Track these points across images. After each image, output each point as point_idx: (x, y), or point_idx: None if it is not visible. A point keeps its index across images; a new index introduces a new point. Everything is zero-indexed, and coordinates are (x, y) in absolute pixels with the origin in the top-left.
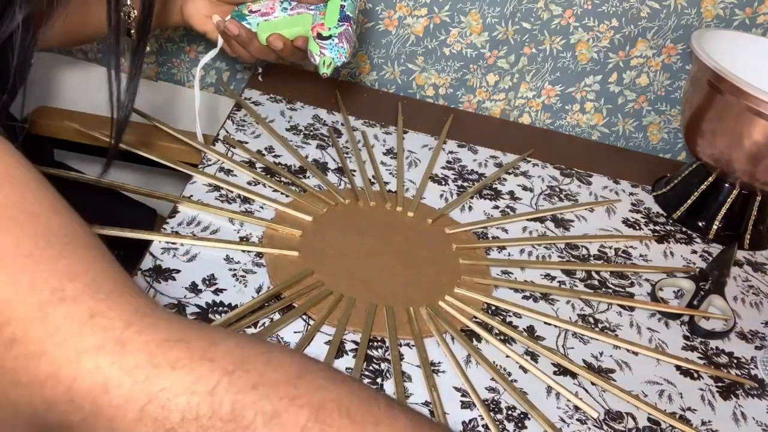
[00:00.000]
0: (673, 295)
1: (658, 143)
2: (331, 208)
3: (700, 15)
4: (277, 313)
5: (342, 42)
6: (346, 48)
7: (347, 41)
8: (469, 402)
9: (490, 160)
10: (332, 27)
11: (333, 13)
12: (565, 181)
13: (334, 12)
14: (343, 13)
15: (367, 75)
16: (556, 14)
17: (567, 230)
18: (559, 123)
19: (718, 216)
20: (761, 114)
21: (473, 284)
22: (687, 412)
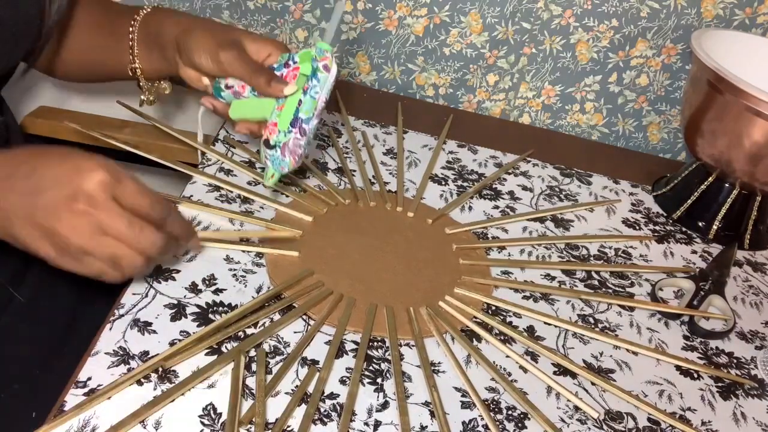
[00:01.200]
0: (673, 295)
1: (658, 143)
2: (331, 209)
3: (700, 15)
4: (278, 313)
5: (284, 155)
6: (288, 161)
7: (291, 153)
8: (469, 402)
9: (490, 160)
10: (282, 131)
11: (288, 112)
12: (565, 181)
13: (289, 111)
14: (296, 113)
15: (367, 75)
16: (556, 14)
17: (567, 230)
18: (559, 123)
19: (718, 216)
20: (761, 114)
21: (473, 284)
22: (687, 412)
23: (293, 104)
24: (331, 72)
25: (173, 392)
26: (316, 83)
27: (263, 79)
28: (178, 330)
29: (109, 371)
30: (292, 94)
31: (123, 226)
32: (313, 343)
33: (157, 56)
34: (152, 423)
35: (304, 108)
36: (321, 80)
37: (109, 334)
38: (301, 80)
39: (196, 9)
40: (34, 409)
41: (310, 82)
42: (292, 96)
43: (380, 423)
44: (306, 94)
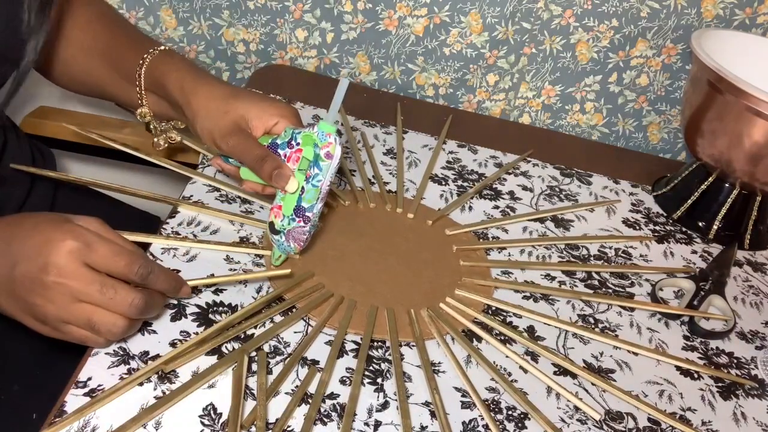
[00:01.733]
0: (673, 295)
1: (658, 143)
2: (331, 210)
3: (700, 15)
4: (279, 315)
5: (289, 241)
6: (293, 246)
7: (294, 240)
8: (469, 402)
9: (490, 160)
10: (286, 216)
11: (291, 199)
12: (565, 181)
13: (293, 198)
14: (299, 202)
15: (367, 75)
16: (556, 14)
17: (567, 230)
18: (559, 123)
19: (718, 216)
20: (761, 114)
21: (474, 286)
22: (687, 412)
23: (296, 193)
24: (334, 157)
25: (174, 396)
26: (318, 171)
27: (266, 170)
28: (179, 330)
29: (109, 371)
30: (293, 192)
31: (95, 291)
32: (314, 344)
33: (167, 107)
34: (152, 423)
35: (307, 197)
36: (323, 169)
37: None
38: (304, 163)
39: (196, 9)
40: (34, 409)
41: (312, 170)
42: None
43: (380, 423)
44: (308, 182)
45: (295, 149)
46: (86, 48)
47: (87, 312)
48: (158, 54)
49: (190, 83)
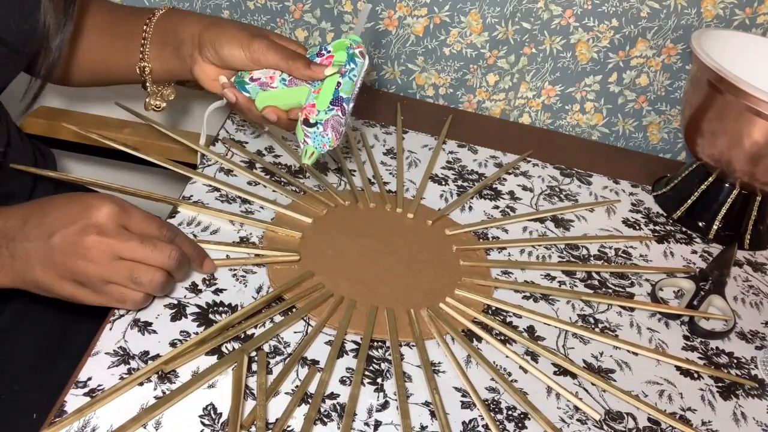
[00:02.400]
0: (673, 295)
1: (658, 143)
2: (331, 210)
3: (700, 15)
4: (279, 315)
5: (327, 130)
6: (330, 137)
7: (333, 129)
8: (469, 402)
9: (490, 160)
10: (321, 111)
11: (327, 93)
12: (565, 181)
13: (329, 91)
14: (336, 93)
15: (367, 75)
16: (556, 14)
17: (567, 230)
18: (559, 123)
19: (718, 216)
20: (761, 114)
21: (474, 286)
22: (687, 412)
23: (332, 85)
24: (366, 58)
25: (174, 396)
26: (354, 66)
27: (301, 63)
28: (179, 330)
29: (109, 371)
30: (331, 74)
31: (136, 246)
32: (314, 344)
33: (169, 54)
34: (152, 423)
35: (344, 89)
36: (358, 64)
37: (109, 334)
38: (337, 67)
39: (196, 9)
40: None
41: (347, 66)
42: (329, 79)
43: (380, 423)
44: (344, 76)
45: (326, 56)
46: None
47: (128, 267)
48: (168, 9)
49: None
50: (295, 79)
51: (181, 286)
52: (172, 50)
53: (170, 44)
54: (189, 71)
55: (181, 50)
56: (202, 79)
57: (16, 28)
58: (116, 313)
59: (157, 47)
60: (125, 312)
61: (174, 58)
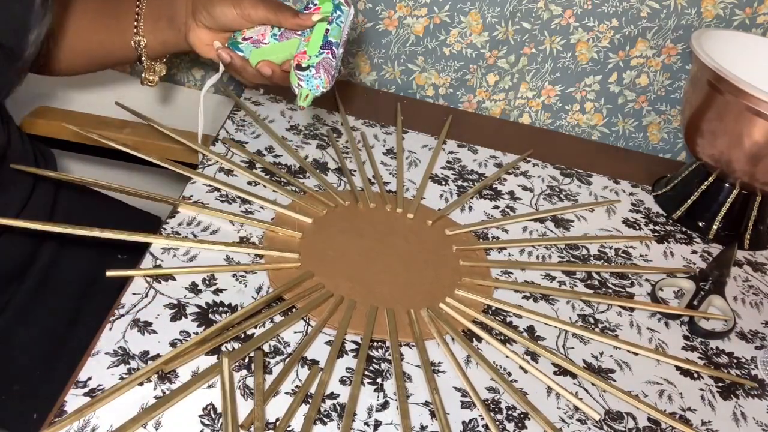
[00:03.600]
0: (673, 295)
1: (658, 143)
2: (331, 210)
3: (700, 15)
4: (279, 315)
5: (319, 72)
6: (323, 78)
7: (325, 71)
8: (469, 402)
9: (490, 160)
10: (312, 55)
11: (316, 40)
12: (565, 181)
13: (318, 38)
14: (326, 39)
15: (367, 75)
16: (556, 14)
17: (567, 230)
18: (559, 123)
19: (718, 216)
20: (761, 114)
21: (474, 286)
22: (687, 412)
23: (321, 32)
24: (351, 8)
25: (174, 396)
26: (340, 14)
27: (290, 13)
28: (179, 330)
29: (109, 371)
30: (319, 21)
31: None
32: (314, 344)
33: (164, 26)
34: (152, 423)
35: (332, 34)
36: (344, 12)
37: (109, 334)
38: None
39: None
40: (34, 409)
41: (334, 14)
42: (318, 26)
43: (380, 423)
44: (332, 23)
45: (312, 9)
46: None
47: None
48: None
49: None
50: (285, 33)
51: (181, 286)
52: (166, 21)
53: (164, 16)
54: (184, 40)
55: (175, 20)
56: (196, 45)
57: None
58: (116, 313)
59: (151, 20)
60: (125, 312)
61: (168, 29)
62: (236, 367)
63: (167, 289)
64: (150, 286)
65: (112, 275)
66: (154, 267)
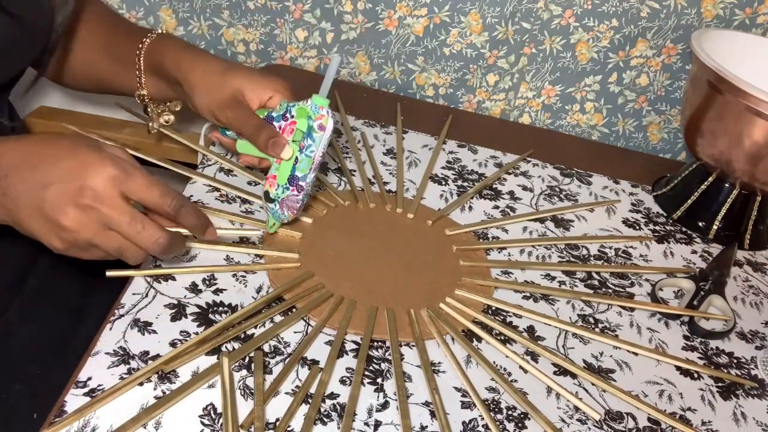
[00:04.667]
0: (673, 295)
1: (658, 143)
2: (331, 210)
3: (700, 15)
4: (279, 315)
5: (283, 209)
6: (287, 215)
7: (288, 208)
8: (469, 402)
9: (490, 160)
10: (281, 185)
11: (285, 169)
12: (565, 181)
13: (287, 168)
14: (293, 171)
15: (367, 75)
16: (556, 14)
17: (567, 230)
18: (559, 123)
19: (718, 216)
20: (761, 114)
21: (474, 286)
22: (687, 412)
23: (290, 162)
24: (326, 129)
25: (174, 396)
26: (311, 143)
27: (263, 139)
28: (179, 330)
29: (109, 371)
30: (288, 158)
31: (125, 222)
32: (314, 344)
33: (165, 87)
34: (152, 423)
35: (300, 166)
36: (316, 140)
37: (109, 334)
38: (298, 135)
39: (196, 9)
40: (34, 409)
41: (306, 141)
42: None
43: (380, 423)
44: (302, 152)
45: (289, 121)
46: (87, 42)
47: (116, 240)
48: (156, 37)
49: (187, 60)
50: None
51: (181, 286)
52: (166, 84)
53: (163, 79)
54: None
55: (174, 87)
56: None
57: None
58: (116, 313)
59: (152, 78)
60: (125, 312)
61: (170, 91)
62: (236, 367)
63: (167, 289)
64: (150, 286)
65: (112, 275)
66: (154, 267)
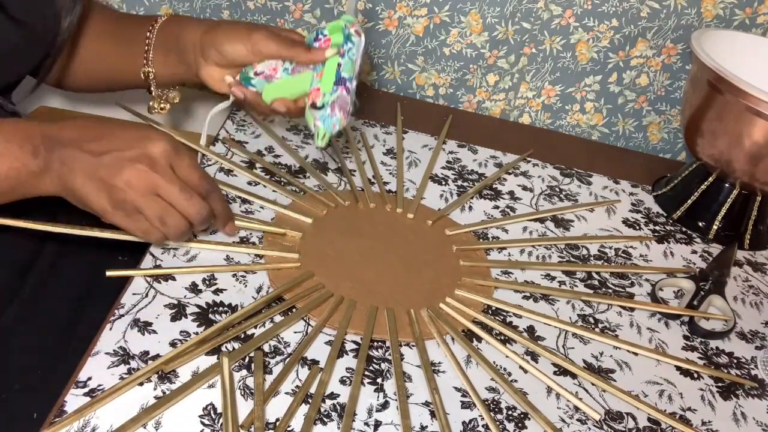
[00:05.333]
0: (673, 295)
1: (658, 143)
2: (331, 210)
3: (700, 15)
4: (279, 315)
5: (334, 111)
6: (339, 117)
7: (340, 108)
8: (469, 402)
9: (490, 160)
10: (327, 93)
11: (329, 75)
12: (565, 181)
13: (331, 73)
14: (338, 74)
15: (367, 75)
16: (556, 14)
17: (567, 230)
18: (559, 123)
19: (718, 216)
20: (761, 114)
21: (474, 286)
22: (687, 412)
23: (333, 67)
24: (362, 36)
25: (174, 396)
26: (352, 46)
27: (302, 48)
28: (179, 330)
29: (109, 371)
30: (332, 55)
31: (176, 190)
32: (314, 344)
33: (174, 59)
34: (152, 423)
35: (345, 68)
36: (356, 43)
37: (109, 334)
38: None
39: (196, 9)
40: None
41: (345, 46)
42: (330, 61)
43: (380, 423)
44: (344, 56)
45: (323, 40)
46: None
47: (162, 206)
48: (171, 16)
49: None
50: (297, 67)
51: (181, 286)
52: (175, 56)
53: (173, 50)
54: (195, 75)
55: (184, 56)
56: (208, 82)
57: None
58: (116, 313)
59: (161, 53)
60: (125, 312)
61: (179, 63)
62: (236, 367)
63: (167, 289)
64: (150, 286)
65: (112, 275)
66: (154, 267)
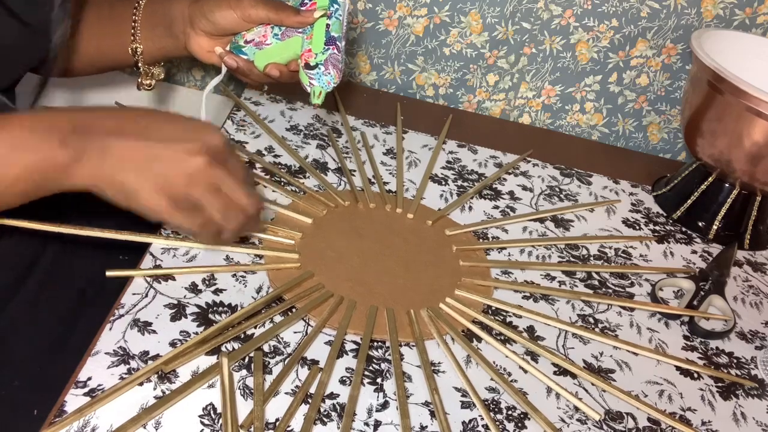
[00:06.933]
0: (673, 295)
1: (658, 143)
2: (331, 210)
3: (700, 15)
4: (279, 315)
5: (328, 68)
6: (332, 74)
7: (333, 66)
8: (469, 402)
9: (490, 160)
10: (318, 53)
11: (319, 36)
12: (565, 181)
13: (320, 35)
14: (328, 34)
15: (367, 75)
16: (556, 14)
17: (567, 230)
18: (559, 123)
19: (718, 216)
20: (761, 114)
21: (474, 286)
22: (687, 412)
23: (322, 28)
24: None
25: (174, 396)
26: (337, 6)
27: (291, 11)
28: (178, 330)
29: (109, 371)
30: (320, 17)
31: (238, 185)
32: (314, 344)
33: (161, 33)
34: (152, 423)
35: (333, 28)
36: (341, 4)
37: (109, 334)
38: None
39: None
40: (34, 405)
41: (332, 7)
42: (318, 23)
43: (380, 423)
44: (332, 17)
45: (309, 4)
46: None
47: (224, 201)
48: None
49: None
50: (287, 32)
51: (181, 286)
52: (163, 29)
53: (160, 24)
54: (183, 48)
55: (172, 29)
56: (197, 53)
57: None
58: (116, 313)
59: (148, 28)
60: (125, 312)
61: (166, 36)
62: (236, 367)
63: (167, 289)
64: (150, 286)
65: (112, 275)
66: (154, 267)
